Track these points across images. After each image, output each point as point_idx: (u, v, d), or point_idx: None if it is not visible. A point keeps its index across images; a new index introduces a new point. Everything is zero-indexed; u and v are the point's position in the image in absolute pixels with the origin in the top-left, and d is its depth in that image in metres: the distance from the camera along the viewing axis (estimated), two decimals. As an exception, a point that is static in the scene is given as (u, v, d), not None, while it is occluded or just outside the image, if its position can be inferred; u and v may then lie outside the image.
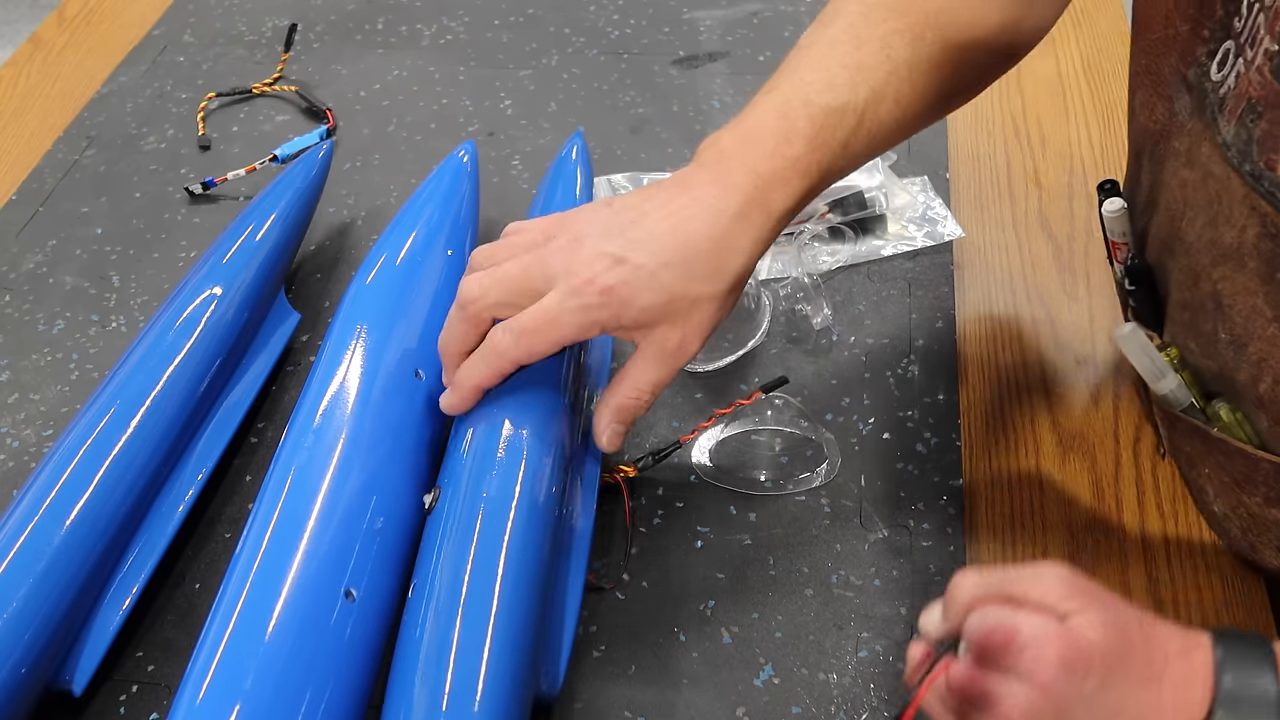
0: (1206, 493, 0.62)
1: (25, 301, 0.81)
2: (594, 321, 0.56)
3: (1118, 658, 0.42)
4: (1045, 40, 0.67)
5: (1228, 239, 0.52)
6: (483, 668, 0.50)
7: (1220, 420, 0.57)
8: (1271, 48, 0.46)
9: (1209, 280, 0.54)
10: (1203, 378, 0.59)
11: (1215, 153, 0.51)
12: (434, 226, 0.73)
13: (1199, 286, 0.56)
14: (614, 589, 0.62)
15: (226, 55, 1.04)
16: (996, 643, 0.43)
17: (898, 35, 0.60)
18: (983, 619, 0.44)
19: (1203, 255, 0.54)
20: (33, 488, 0.58)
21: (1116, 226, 0.64)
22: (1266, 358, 0.52)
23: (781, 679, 0.58)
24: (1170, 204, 0.58)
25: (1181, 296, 0.58)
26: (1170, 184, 0.58)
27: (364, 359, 0.63)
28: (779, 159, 0.57)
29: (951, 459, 0.67)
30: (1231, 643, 0.43)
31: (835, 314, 0.76)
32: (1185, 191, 0.56)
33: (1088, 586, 0.44)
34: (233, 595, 0.52)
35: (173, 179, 0.91)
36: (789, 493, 0.66)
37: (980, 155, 0.88)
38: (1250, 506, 0.57)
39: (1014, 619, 0.43)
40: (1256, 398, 0.54)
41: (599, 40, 1.03)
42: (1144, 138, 0.61)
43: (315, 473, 0.57)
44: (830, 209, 0.81)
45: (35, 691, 0.55)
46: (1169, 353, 0.60)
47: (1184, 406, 0.60)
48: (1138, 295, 0.63)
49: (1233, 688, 0.42)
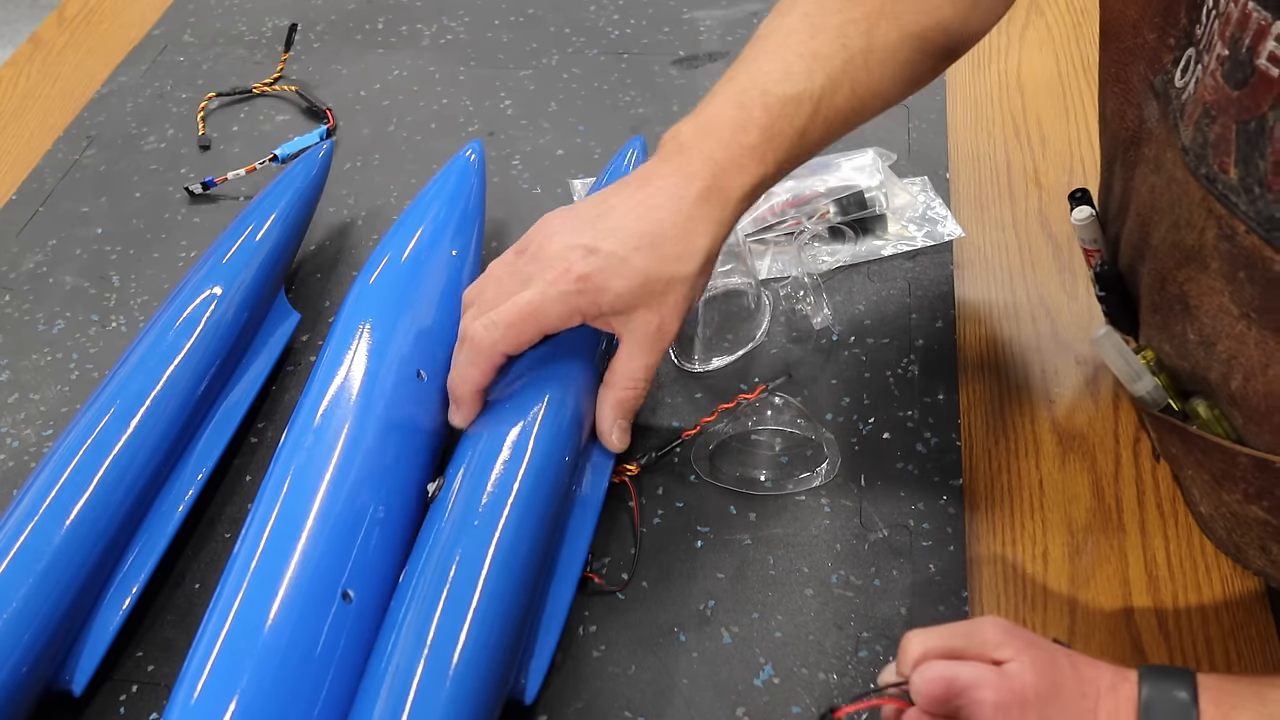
0: (1192, 494, 0.63)
1: (25, 301, 0.81)
2: (574, 309, 0.59)
3: (1052, 693, 0.47)
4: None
5: (1189, 241, 0.53)
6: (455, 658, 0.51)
7: (1199, 417, 0.58)
8: (1223, 53, 0.47)
9: (1175, 283, 0.55)
10: (1179, 378, 0.60)
11: (1177, 158, 0.52)
12: (439, 226, 0.73)
13: (1166, 289, 0.56)
14: (621, 590, 0.62)
15: (226, 55, 1.04)
16: (938, 692, 0.47)
17: (853, 24, 0.62)
18: (925, 671, 0.48)
19: (1168, 259, 0.55)
20: (33, 488, 0.58)
21: (1086, 234, 0.65)
22: (1236, 355, 0.52)
23: (781, 679, 0.58)
24: (1140, 209, 0.59)
25: (1152, 300, 0.59)
26: (1140, 190, 0.58)
27: (366, 359, 0.63)
28: (735, 147, 0.60)
29: (951, 459, 0.67)
30: (1157, 672, 0.48)
31: (835, 314, 0.76)
32: (1153, 196, 0.56)
33: (1022, 633, 0.49)
34: (230, 594, 0.52)
35: (173, 179, 0.91)
36: (789, 493, 0.66)
37: (980, 155, 0.88)
38: (1231, 504, 0.58)
39: (952, 669, 0.47)
40: (1229, 395, 0.54)
41: (599, 40, 1.03)
42: (1115, 145, 0.61)
43: (315, 473, 0.57)
44: (830, 209, 0.81)
45: (35, 691, 0.55)
46: (1145, 355, 0.61)
47: (1161, 407, 0.60)
48: (1109, 300, 0.64)
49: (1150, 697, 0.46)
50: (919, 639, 0.50)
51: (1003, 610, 0.61)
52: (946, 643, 0.49)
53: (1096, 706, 0.47)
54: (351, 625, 0.53)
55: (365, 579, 0.55)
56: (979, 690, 0.46)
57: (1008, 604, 0.61)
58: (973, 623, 0.50)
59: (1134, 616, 0.60)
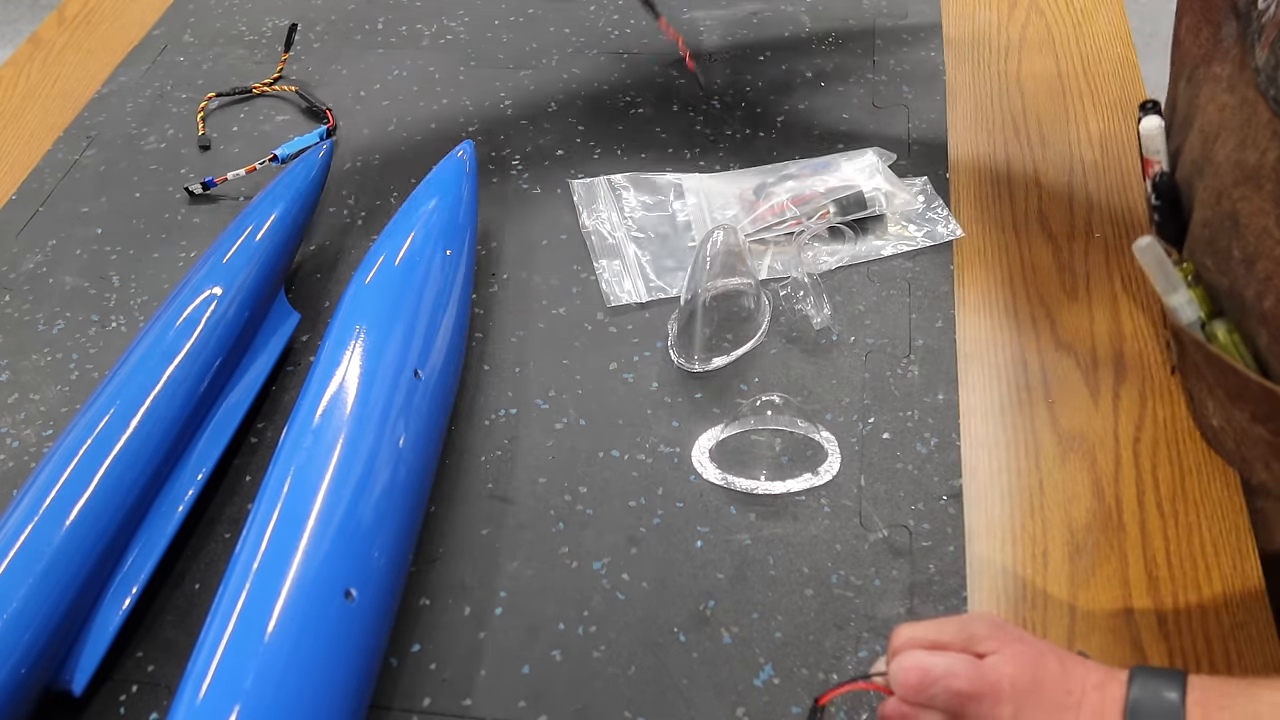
0: (1207, 406, 0.65)
1: (25, 301, 0.81)
2: None
3: (1031, 688, 0.47)
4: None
5: (1251, 161, 0.55)
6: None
7: (1217, 340, 0.61)
8: None
9: (1229, 199, 0.58)
10: (1214, 294, 0.62)
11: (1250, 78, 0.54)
12: (432, 226, 0.73)
13: (1220, 205, 0.59)
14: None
15: (226, 55, 1.04)
16: (913, 680, 0.48)
17: None
18: (902, 660, 0.48)
19: (1228, 175, 0.58)
20: (33, 488, 0.58)
21: (1152, 144, 0.67)
22: (1272, 276, 0.55)
23: (781, 679, 0.58)
24: (1205, 126, 0.61)
25: (1204, 214, 0.61)
26: (1208, 108, 0.60)
27: (363, 359, 0.63)
28: None
29: (951, 459, 0.67)
30: (1147, 673, 0.47)
31: (835, 314, 0.76)
32: (1223, 115, 0.58)
33: (1011, 629, 0.49)
34: (232, 595, 0.52)
35: (173, 179, 0.91)
36: (789, 493, 0.66)
37: (980, 155, 0.88)
38: (1240, 421, 0.61)
39: (928, 659, 0.48)
40: (1261, 314, 0.58)
41: (599, 40, 1.03)
42: (1186, 61, 0.63)
43: (314, 473, 0.57)
44: (830, 209, 0.81)
45: (35, 691, 0.55)
46: (1184, 268, 0.63)
47: (1190, 321, 0.63)
48: (1162, 210, 0.66)
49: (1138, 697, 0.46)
50: (907, 630, 0.50)
51: (1002, 610, 0.61)
52: (933, 635, 0.49)
53: (1080, 704, 0.47)
54: (354, 624, 0.53)
55: (367, 578, 0.55)
56: (952, 680, 0.47)
57: (1008, 604, 0.61)
58: (964, 617, 0.51)
59: (1134, 616, 0.60)
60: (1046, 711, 0.47)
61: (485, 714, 0.58)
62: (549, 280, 0.80)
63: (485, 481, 0.68)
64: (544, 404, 0.72)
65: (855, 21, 1.03)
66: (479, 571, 0.63)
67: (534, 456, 0.69)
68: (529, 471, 0.68)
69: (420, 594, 0.62)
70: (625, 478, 0.68)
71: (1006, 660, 0.47)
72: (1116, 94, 0.93)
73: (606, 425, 0.70)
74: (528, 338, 0.76)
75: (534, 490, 0.67)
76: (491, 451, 0.69)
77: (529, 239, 0.84)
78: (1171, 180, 0.66)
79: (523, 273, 0.81)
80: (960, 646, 0.49)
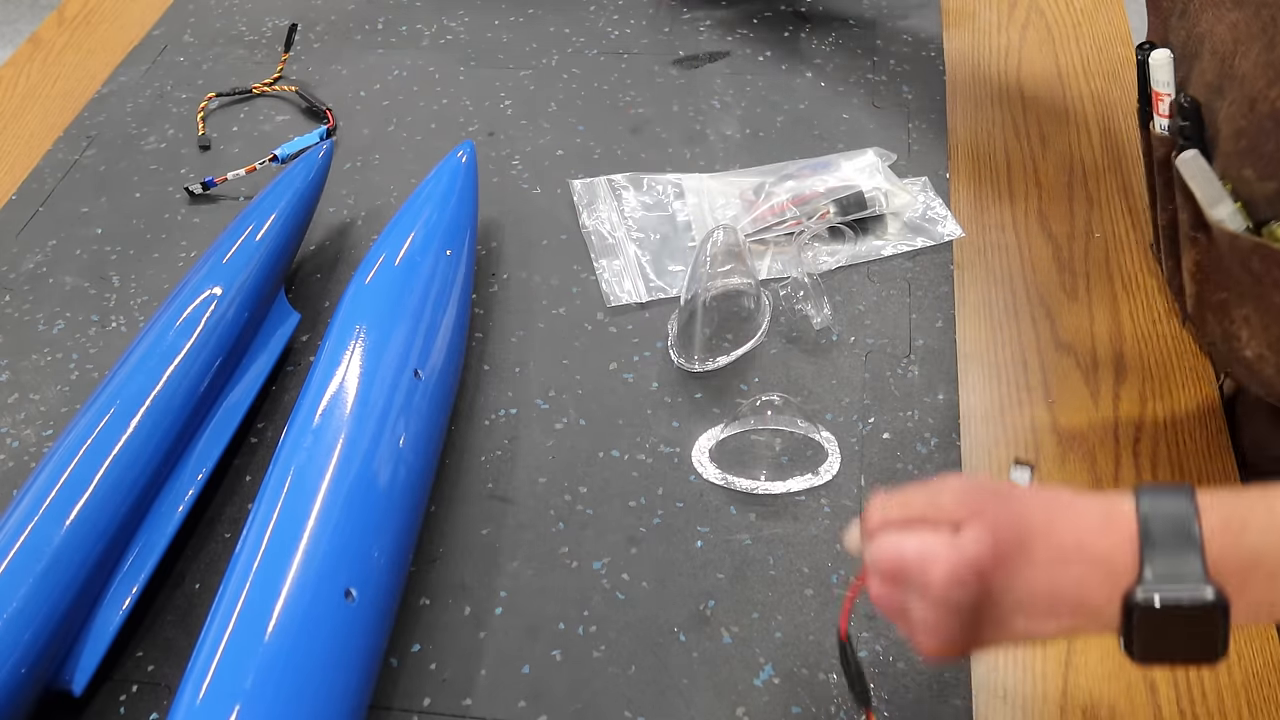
0: (1239, 338, 0.64)
1: (25, 301, 0.81)
2: None
3: (1019, 555, 0.43)
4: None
5: None
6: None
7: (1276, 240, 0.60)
8: None
9: (1266, 101, 0.58)
10: (1256, 206, 0.62)
11: None
12: (432, 226, 0.73)
13: (1256, 110, 0.59)
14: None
15: (226, 55, 1.04)
16: (888, 569, 0.45)
17: None
18: (874, 550, 0.46)
19: (1259, 80, 0.58)
20: (33, 488, 0.58)
21: (1163, 75, 0.67)
22: None
23: (781, 679, 0.58)
24: (1218, 47, 0.61)
25: (1236, 127, 0.61)
26: (1216, 30, 0.61)
27: (363, 359, 0.63)
28: None
29: (951, 459, 0.67)
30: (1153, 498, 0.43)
31: (835, 314, 0.76)
32: (1236, 31, 0.60)
33: (980, 492, 0.45)
34: (232, 595, 0.52)
35: (173, 179, 0.91)
36: (789, 493, 0.66)
37: (980, 155, 0.88)
38: None
39: (900, 545, 0.45)
40: None
41: (599, 40, 1.03)
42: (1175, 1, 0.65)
43: (315, 473, 0.57)
44: (830, 209, 0.81)
45: (35, 691, 0.55)
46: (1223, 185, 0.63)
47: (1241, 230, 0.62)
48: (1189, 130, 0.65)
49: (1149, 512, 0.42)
50: (879, 509, 0.47)
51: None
52: (906, 511, 0.46)
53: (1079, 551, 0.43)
54: (355, 624, 0.53)
55: (367, 578, 0.55)
56: (930, 566, 0.43)
57: (1008, 604, 0.61)
58: (931, 485, 0.46)
59: (1134, 616, 0.60)
60: (1042, 570, 0.43)
61: (485, 714, 0.58)
62: (549, 280, 0.80)
63: (485, 481, 0.68)
64: (544, 404, 0.72)
65: (855, 22, 1.03)
66: (479, 571, 0.63)
67: (534, 456, 0.69)
68: (529, 471, 0.68)
69: (420, 594, 0.62)
70: (625, 478, 0.68)
71: (980, 535, 0.43)
72: (1116, 94, 0.93)
73: (606, 425, 0.70)
74: (528, 338, 0.76)
75: (534, 490, 0.67)
76: (491, 451, 0.69)
77: (529, 239, 0.84)
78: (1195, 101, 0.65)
79: (523, 273, 0.81)
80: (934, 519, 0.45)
